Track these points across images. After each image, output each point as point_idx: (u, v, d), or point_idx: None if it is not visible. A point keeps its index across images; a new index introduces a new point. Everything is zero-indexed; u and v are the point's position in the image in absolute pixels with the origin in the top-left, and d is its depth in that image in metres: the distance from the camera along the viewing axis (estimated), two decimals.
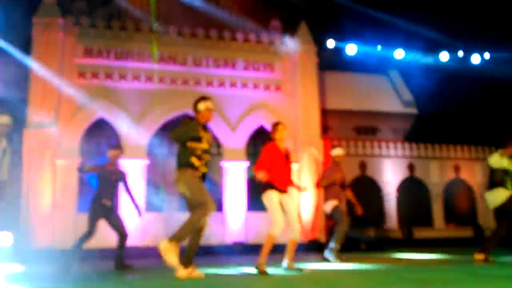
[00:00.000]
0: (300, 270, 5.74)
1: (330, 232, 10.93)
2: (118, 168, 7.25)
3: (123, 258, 6.95)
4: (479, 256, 6.19)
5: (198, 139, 4.99)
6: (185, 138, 4.95)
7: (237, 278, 5.17)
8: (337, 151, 7.84)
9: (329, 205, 7.60)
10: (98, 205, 6.78)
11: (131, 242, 9.24)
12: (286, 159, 5.80)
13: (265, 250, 5.42)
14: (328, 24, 14.38)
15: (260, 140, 13.10)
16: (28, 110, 12.19)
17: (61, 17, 12.88)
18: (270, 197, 5.53)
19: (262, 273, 5.33)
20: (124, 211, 11.56)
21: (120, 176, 7.14)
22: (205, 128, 5.16)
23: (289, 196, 5.73)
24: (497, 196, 6.22)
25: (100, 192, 6.87)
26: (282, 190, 5.63)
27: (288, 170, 5.84)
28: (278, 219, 5.43)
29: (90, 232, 6.62)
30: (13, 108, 11.58)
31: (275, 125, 5.87)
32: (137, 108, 13.13)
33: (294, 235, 5.62)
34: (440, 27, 14.56)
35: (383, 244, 10.55)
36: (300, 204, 13.69)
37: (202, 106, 5.15)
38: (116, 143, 12.21)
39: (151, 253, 9.53)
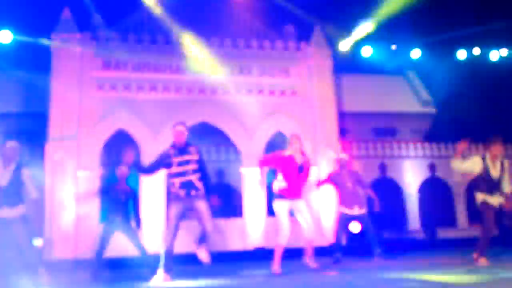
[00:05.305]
0: (318, 268, 6.02)
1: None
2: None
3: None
4: (475, 256, 6.37)
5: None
6: None
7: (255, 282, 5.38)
8: (341, 155, 8.04)
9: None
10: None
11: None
12: (298, 170, 5.91)
13: (276, 257, 5.81)
14: (342, 27, 14.15)
15: (277, 146, 12.93)
16: (49, 124, 12.46)
17: (78, 32, 13.18)
18: (277, 207, 5.90)
19: (276, 274, 5.71)
20: None
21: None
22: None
23: (301, 201, 6.00)
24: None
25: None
26: (292, 198, 5.91)
27: (301, 180, 5.97)
28: (282, 227, 5.80)
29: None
30: (34, 122, 11.63)
31: (290, 137, 6.12)
32: (156, 118, 13.22)
33: (307, 235, 6.00)
34: (456, 24, 14.43)
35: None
36: (320, 207, 13.60)
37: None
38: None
39: None
